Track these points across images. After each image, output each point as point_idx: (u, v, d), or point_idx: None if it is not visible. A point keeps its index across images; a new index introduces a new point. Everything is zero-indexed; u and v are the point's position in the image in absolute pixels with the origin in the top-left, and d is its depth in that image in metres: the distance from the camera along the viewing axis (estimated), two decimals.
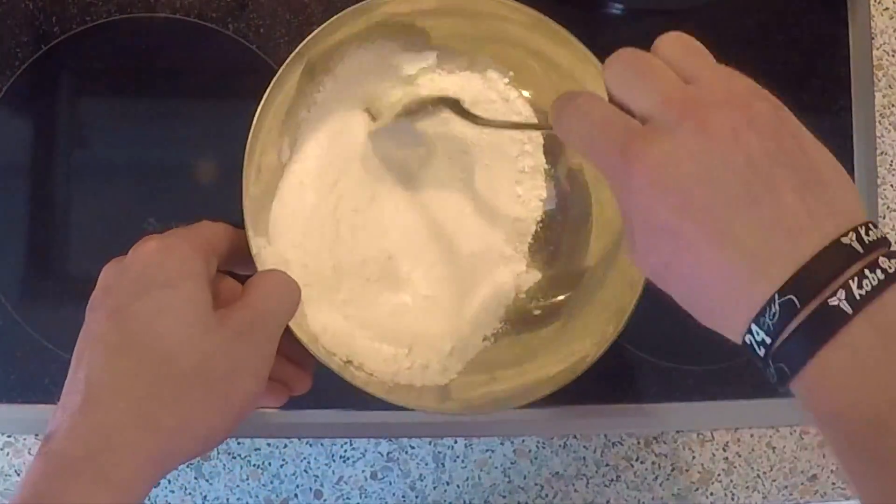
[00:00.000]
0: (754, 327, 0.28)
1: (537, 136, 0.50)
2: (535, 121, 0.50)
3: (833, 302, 0.27)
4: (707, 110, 0.30)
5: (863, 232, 0.28)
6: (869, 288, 0.27)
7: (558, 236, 0.51)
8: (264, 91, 0.42)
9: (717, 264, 0.29)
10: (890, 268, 0.27)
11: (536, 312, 0.49)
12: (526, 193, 0.51)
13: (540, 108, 0.50)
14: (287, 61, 0.43)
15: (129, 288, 0.36)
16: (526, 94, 0.50)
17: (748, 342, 0.29)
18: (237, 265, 0.42)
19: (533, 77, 0.50)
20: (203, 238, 0.39)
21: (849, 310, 0.27)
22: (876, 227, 0.29)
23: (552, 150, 0.51)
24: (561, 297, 0.50)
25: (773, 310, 0.28)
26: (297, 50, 0.43)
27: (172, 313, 0.35)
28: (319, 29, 0.43)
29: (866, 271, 0.27)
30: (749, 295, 0.28)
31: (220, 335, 0.35)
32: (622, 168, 0.31)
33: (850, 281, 0.27)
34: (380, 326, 0.47)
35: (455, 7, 0.47)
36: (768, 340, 0.28)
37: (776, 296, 0.28)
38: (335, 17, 0.43)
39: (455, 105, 0.45)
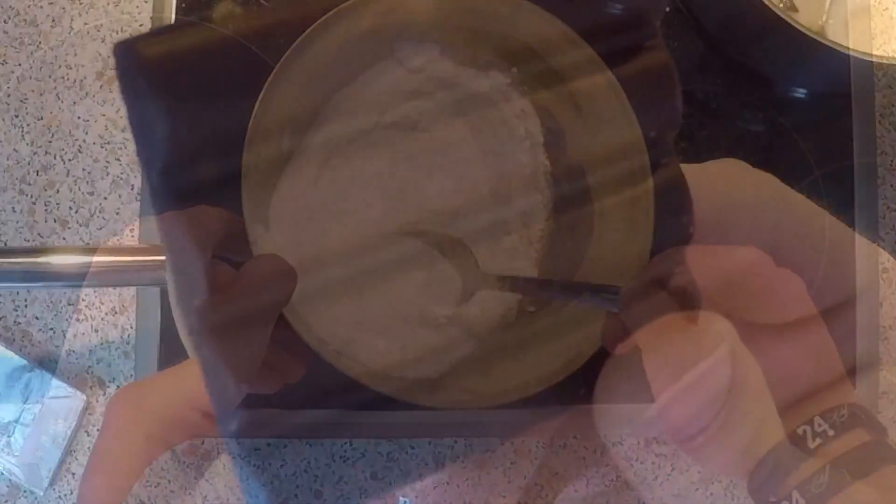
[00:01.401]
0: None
1: (537, 136, 0.50)
2: (537, 121, 0.50)
3: None
4: None
5: None
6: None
7: (557, 237, 0.51)
8: (263, 88, 0.43)
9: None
10: None
11: (531, 310, 0.50)
12: (526, 195, 0.51)
13: (542, 107, 0.50)
14: (287, 54, 0.43)
15: None
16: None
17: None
18: (233, 251, 0.41)
19: (538, 76, 0.50)
20: (200, 223, 0.38)
21: None
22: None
23: (554, 151, 0.51)
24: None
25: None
26: (296, 42, 0.43)
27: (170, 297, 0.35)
28: (320, 21, 0.44)
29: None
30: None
31: (215, 321, 0.35)
32: None
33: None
34: (374, 318, 0.47)
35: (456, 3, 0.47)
36: None
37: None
38: (335, 9, 0.44)
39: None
